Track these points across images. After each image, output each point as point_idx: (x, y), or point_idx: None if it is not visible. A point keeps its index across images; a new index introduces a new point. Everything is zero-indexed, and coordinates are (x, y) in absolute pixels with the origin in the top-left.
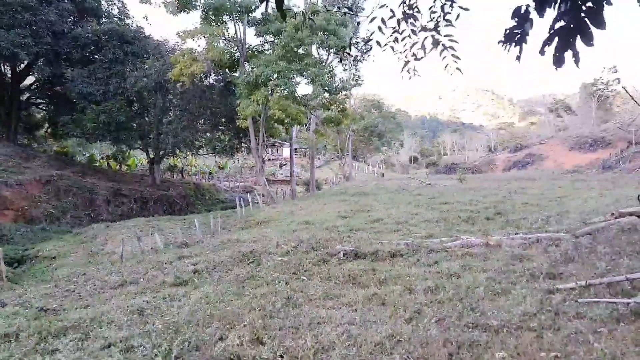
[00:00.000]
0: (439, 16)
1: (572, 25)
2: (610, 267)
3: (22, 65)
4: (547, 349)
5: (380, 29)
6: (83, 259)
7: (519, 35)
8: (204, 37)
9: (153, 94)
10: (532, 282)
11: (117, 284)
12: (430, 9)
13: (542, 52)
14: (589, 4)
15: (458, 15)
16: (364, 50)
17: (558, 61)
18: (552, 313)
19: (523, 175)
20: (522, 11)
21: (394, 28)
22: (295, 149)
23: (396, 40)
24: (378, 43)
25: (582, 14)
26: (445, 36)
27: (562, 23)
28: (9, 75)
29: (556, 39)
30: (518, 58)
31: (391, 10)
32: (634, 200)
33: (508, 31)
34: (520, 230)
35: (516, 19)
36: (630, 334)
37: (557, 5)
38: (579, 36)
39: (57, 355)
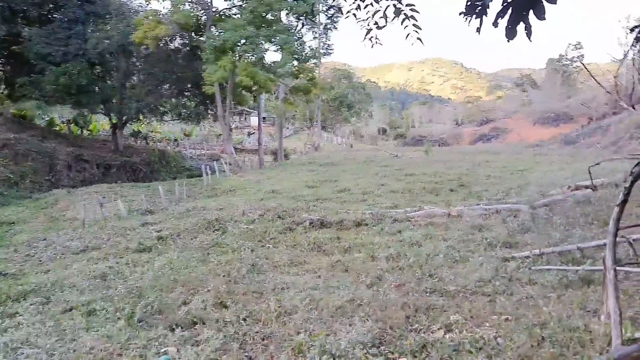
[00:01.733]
0: None
1: None
2: (564, 237)
3: None
4: (499, 312)
5: None
6: (43, 224)
7: (479, 7)
8: None
9: (116, 57)
10: (490, 251)
11: (79, 250)
12: None
13: (495, 24)
14: None
15: None
16: (333, 18)
17: (510, 33)
18: (506, 279)
19: (488, 148)
20: None
21: None
22: (264, 118)
23: (359, 7)
24: (340, 10)
25: None
26: (407, 5)
27: None
28: None
29: (509, 11)
30: (478, 30)
31: None
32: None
33: (469, 3)
34: (481, 201)
35: None
36: (576, 298)
37: None
38: (531, 10)
39: (18, 318)
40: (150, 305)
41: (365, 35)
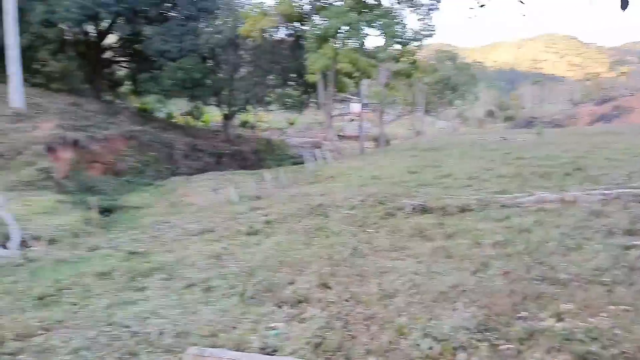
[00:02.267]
0: None
1: None
2: None
3: (105, 25)
4: (617, 302)
5: None
6: (165, 209)
7: None
8: None
9: (225, 51)
10: (608, 238)
11: (196, 232)
12: None
13: None
14: None
15: None
16: None
17: (624, 4)
18: (627, 269)
19: (608, 129)
20: None
21: None
22: (365, 104)
23: None
24: None
25: None
26: None
27: None
28: (95, 35)
29: None
30: (624, 5)
31: None
32: None
33: None
34: (600, 186)
35: None
36: None
37: None
38: None
39: (146, 292)
40: (260, 283)
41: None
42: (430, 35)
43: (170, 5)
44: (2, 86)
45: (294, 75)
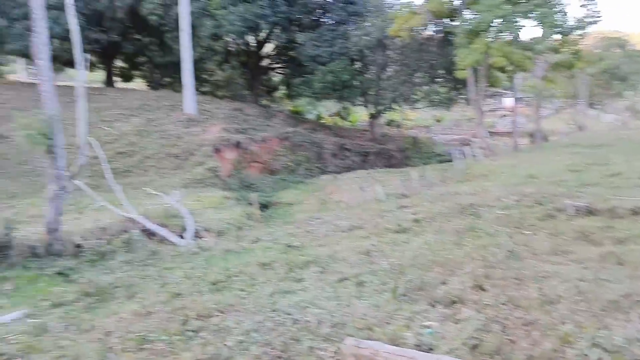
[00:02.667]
0: None
1: None
2: None
3: (263, 35)
4: None
5: None
6: (315, 205)
7: None
8: None
9: (373, 52)
10: None
11: (346, 228)
12: None
13: None
14: None
15: None
16: None
17: None
18: None
19: None
20: None
21: None
22: (519, 98)
23: None
24: None
25: None
26: None
27: None
28: (254, 44)
29: None
30: None
31: None
32: None
33: None
34: None
35: None
36: None
37: None
38: None
39: (304, 283)
40: (411, 281)
41: None
42: (594, 22)
43: (322, 11)
44: (178, 95)
45: (442, 71)
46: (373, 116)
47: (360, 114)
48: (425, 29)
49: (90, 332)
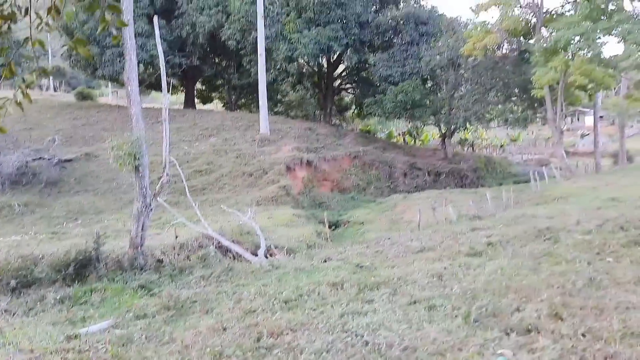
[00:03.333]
0: None
1: None
2: None
3: (335, 56)
4: None
5: None
6: (386, 225)
7: None
8: (498, 7)
9: (445, 71)
10: None
11: (417, 250)
12: None
13: None
14: None
15: None
16: None
17: None
18: None
19: None
20: None
21: None
22: (600, 117)
23: None
24: None
25: None
26: None
27: None
28: (325, 66)
29: None
30: None
31: None
32: None
33: None
34: None
35: None
36: None
37: None
38: None
39: (374, 304)
40: (484, 307)
41: None
42: None
43: (393, 33)
44: (253, 115)
45: (518, 90)
46: (445, 135)
47: (431, 133)
48: (499, 47)
49: (170, 344)
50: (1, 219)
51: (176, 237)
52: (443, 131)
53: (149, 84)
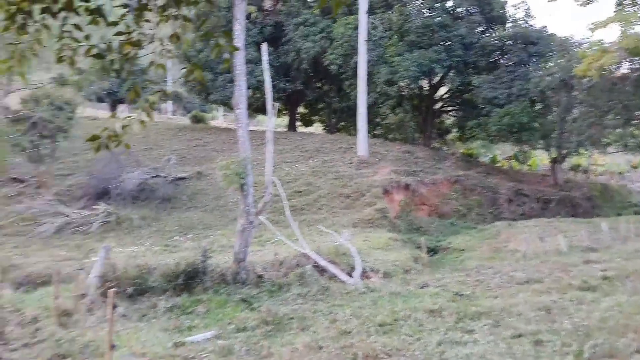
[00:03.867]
0: None
1: None
2: None
3: (436, 78)
4: None
5: None
6: (488, 253)
7: None
8: (618, 24)
9: (556, 92)
10: None
11: (522, 281)
12: None
13: None
14: None
15: None
16: None
17: None
18: None
19: None
20: None
21: None
22: None
23: None
24: None
25: None
26: None
27: None
28: (426, 88)
29: None
30: None
31: None
32: None
33: None
34: None
35: None
36: None
37: None
38: None
39: (474, 335)
40: (599, 346)
41: None
42: None
43: (500, 53)
44: (352, 138)
45: (639, 113)
46: (555, 160)
47: (540, 158)
48: (618, 67)
49: (268, 358)
50: (122, 230)
51: (275, 254)
52: (553, 156)
53: (256, 107)
